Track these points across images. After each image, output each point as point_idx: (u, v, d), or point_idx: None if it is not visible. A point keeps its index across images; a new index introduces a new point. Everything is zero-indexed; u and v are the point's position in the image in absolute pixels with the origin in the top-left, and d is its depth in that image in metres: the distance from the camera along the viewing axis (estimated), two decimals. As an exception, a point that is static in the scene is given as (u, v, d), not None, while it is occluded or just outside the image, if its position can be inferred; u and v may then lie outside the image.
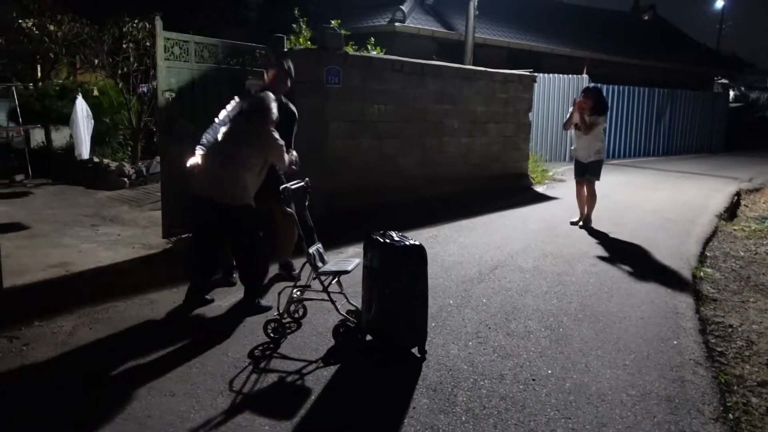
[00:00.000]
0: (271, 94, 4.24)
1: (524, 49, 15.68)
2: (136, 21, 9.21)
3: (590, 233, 6.93)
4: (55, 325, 3.89)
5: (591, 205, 7.21)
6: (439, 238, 6.42)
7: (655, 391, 3.27)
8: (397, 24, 13.21)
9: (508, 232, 6.88)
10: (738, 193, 10.50)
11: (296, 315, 4.01)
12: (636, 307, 4.57)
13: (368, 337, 3.68)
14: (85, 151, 9.11)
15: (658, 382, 3.38)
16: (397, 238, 3.54)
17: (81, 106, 9.08)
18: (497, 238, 6.51)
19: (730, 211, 9.00)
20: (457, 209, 7.77)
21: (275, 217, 4.68)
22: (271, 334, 3.73)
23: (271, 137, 4.08)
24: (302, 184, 3.98)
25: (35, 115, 10.18)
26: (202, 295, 4.31)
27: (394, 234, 3.58)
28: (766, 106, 29.05)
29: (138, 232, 6.37)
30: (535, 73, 10.72)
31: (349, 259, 3.97)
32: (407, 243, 3.53)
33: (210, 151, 4.26)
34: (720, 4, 34.82)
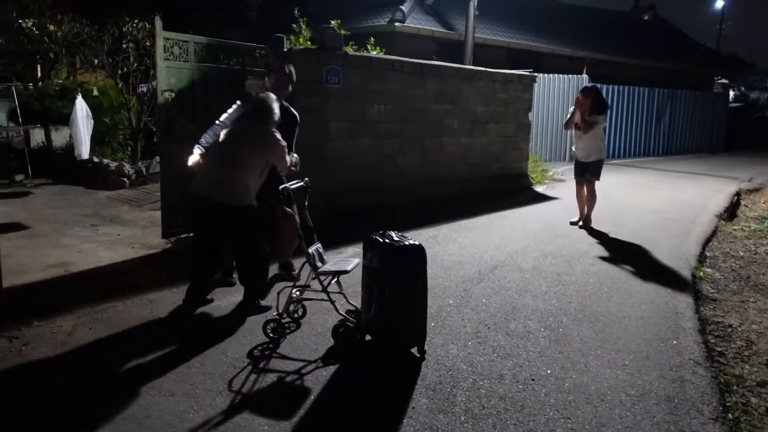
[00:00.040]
0: (273, 95, 4.25)
1: (524, 49, 15.68)
2: (135, 21, 9.22)
3: (590, 233, 6.93)
4: (55, 325, 3.89)
5: (591, 204, 7.22)
6: (438, 238, 6.42)
7: (655, 391, 3.27)
8: (396, 24, 13.22)
9: (508, 232, 6.88)
10: (738, 193, 10.50)
11: (295, 315, 4.01)
12: (636, 307, 4.57)
13: (368, 337, 3.68)
14: (84, 151, 9.11)
15: (658, 382, 3.38)
16: (396, 238, 3.54)
17: (81, 106, 9.08)
18: (497, 238, 6.51)
19: (730, 211, 9.00)
20: (457, 209, 7.78)
21: (277, 217, 4.68)
22: (271, 334, 3.74)
23: (273, 138, 4.08)
24: (301, 184, 3.98)
25: (35, 115, 10.17)
26: (202, 295, 4.31)
27: (393, 234, 3.58)
28: (766, 106, 29.05)
29: (138, 232, 6.37)
30: (535, 73, 10.72)
31: (349, 259, 3.98)
32: (407, 243, 3.53)
33: (211, 152, 4.26)
34: (720, 4, 34.83)
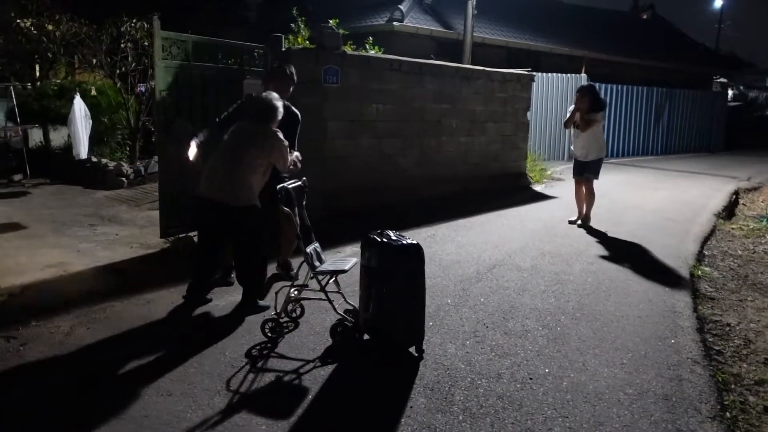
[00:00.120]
0: (275, 94, 4.23)
1: (523, 49, 15.68)
2: (134, 21, 9.22)
3: (588, 232, 6.93)
4: (53, 325, 3.89)
5: (590, 203, 7.22)
6: (437, 238, 6.42)
7: (653, 390, 3.28)
8: (395, 23, 13.21)
9: (506, 231, 6.88)
10: (736, 192, 10.51)
11: (294, 314, 4.01)
12: (634, 305, 4.58)
13: (366, 337, 3.68)
14: (83, 150, 9.10)
15: (656, 380, 3.39)
16: (394, 238, 3.54)
17: (79, 105, 9.07)
18: (495, 238, 6.52)
19: (729, 210, 9.01)
20: (456, 208, 7.78)
21: (278, 217, 4.67)
22: (269, 334, 3.73)
23: (276, 137, 4.07)
24: (299, 183, 3.98)
25: (33, 115, 10.17)
26: (203, 295, 4.31)
27: (391, 233, 3.58)
28: (765, 106, 29.12)
29: (136, 231, 6.36)
30: (534, 73, 10.73)
31: (347, 259, 3.98)
32: (405, 242, 3.53)
33: (214, 152, 4.24)
34: (719, 3, 34.86)
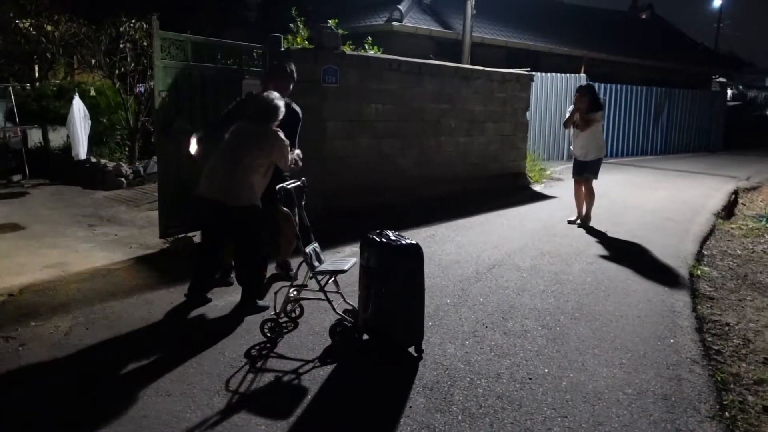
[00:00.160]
0: (276, 93, 4.23)
1: (522, 49, 15.69)
2: (133, 21, 9.21)
3: (588, 232, 6.93)
4: (52, 326, 3.88)
5: (590, 203, 7.22)
6: (436, 238, 6.42)
7: (652, 390, 3.28)
8: (394, 23, 13.22)
9: (506, 231, 6.89)
10: (736, 192, 10.52)
11: (293, 314, 4.01)
12: (633, 305, 4.58)
13: (365, 337, 3.68)
14: (82, 151, 9.10)
15: (655, 380, 3.39)
16: (393, 238, 3.54)
17: (78, 106, 9.07)
18: (494, 238, 6.52)
19: (728, 210, 9.01)
20: (455, 208, 7.78)
21: (277, 217, 4.67)
22: (268, 334, 3.73)
23: (277, 136, 4.07)
24: (298, 183, 3.97)
25: (32, 116, 10.17)
26: (203, 294, 4.32)
27: (390, 233, 3.58)
28: (764, 105, 29.15)
29: (135, 232, 6.36)
30: (533, 73, 10.73)
31: (346, 259, 3.98)
32: (404, 242, 3.52)
33: (214, 152, 4.24)
34: (718, 3, 34.88)
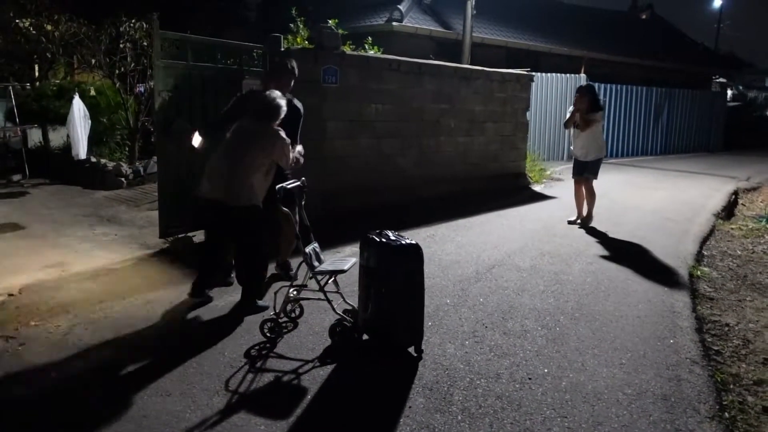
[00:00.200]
0: (278, 92, 4.22)
1: (522, 49, 15.69)
2: (133, 21, 9.21)
3: (588, 232, 6.93)
4: (51, 325, 3.88)
5: (591, 203, 7.22)
6: (436, 238, 6.42)
7: (651, 390, 3.28)
8: (394, 23, 13.22)
9: (506, 231, 6.89)
10: (736, 192, 10.52)
11: (293, 314, 4.01)
12: (633, 306, 4.58)
13: (365, 337, 3.68)
14: (82, 151, 9.09)
15: (655, 380, 3.39)
16: (393, 238, 3.54)
17: (78, 106, 9.06)
18: (494, 238, 6.52)
19: (728, 210, 9.01)
20: (455, 208, 7.78)
21: (278, 217, 4.66)
22: (268, 334, 3.73)
23: (277, 135, 4.06)
24: (298, 183, 3.97)
25: (32, 115, 10.16)
26: (204, 293, 4.33)
27: (390, 233, 3.58)
28: (764, 105, 29.16)
29: (135, 232, 6.36)
30: (533, 73, 10.72)
31: (346, 259, 3.98)
32: (404, 242, 3.52)
33: (216, 151, 4.24)
34: (718, 3, 34.88)
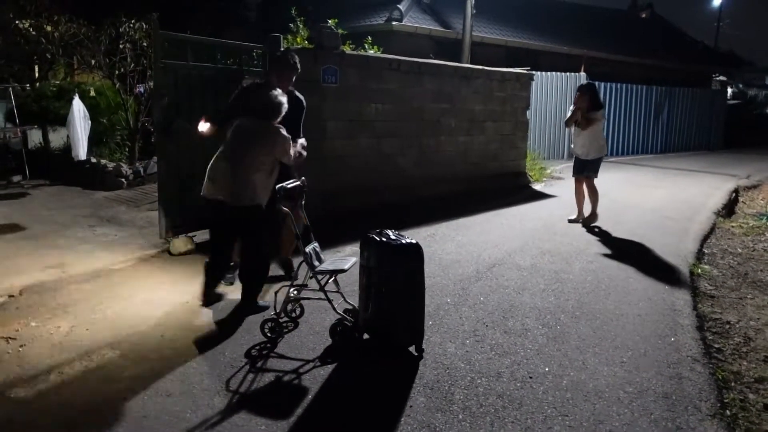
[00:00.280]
0: (279, 90, 4.20)
1: (522, 48, 15.69)
2: (132, 21, 9.20)
3: (588, 231, 6.93)
4: (52, 326, 3.88)
5: (594, 201, 7.18)
6: (436, 237, 6.42)
7: (653, 388, 3.27)
8: (394, 23, 13.22)
9: (506, 230, 6.88)
10: (736, 190, 10.51)
11: (293, 314, 4.01)
12: (633, 304, 4.57)
13: (365, 336, 3.68)
14: (82, 151, 9.08)
15: (656, 379, 3.39)
16: (393, 237, 3.54)
17: (78, 106, 9.06)
18: (495, 237, 6.51)
19: (728, 208, 9.00)
20: (455, 208, 7.77)
21: (279, 217, 4.66)
22: (268, 334, 3.73)
23: (278, 133, 4.05)
24: (298, 183, 3.97)
25: (32, 116, 10.15)
26: (213, 291, 4.34)
27: (390, 233, 3.58)
28: (764, 104, 29.16)
29: (135, 232, 6.35)
30: (533, 72, 10.72)
31: (346, 258, 3.97)
32: (404, 242, 3.52)
33: (218, 152, 4.23)
34: (717, 1, 34.82)
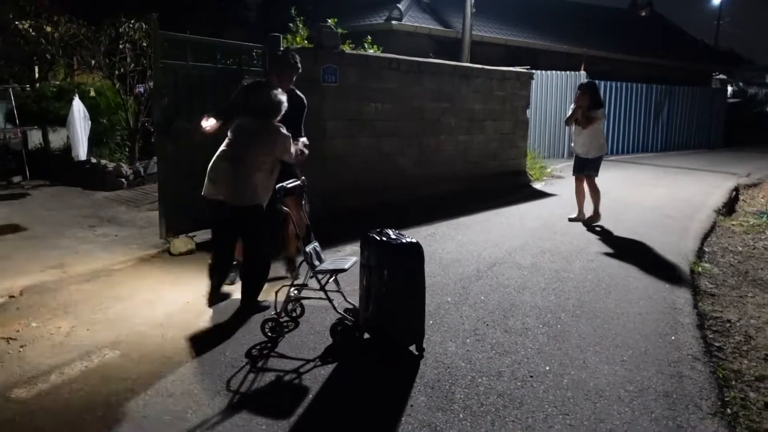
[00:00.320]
0: (279, 89, 4.20)
1: (522, 46, 15.69)
2: (132, 21, 9.20)
3: (588, 229, 6.93)
4: (53, 326, 3.88)
5: (596, 200, 7.16)
6: (437, 236, 6.42)
7: (653, 387, 3.27)
8: (393, 22, 13.22)
9: (506, 229, 6.88)
10: (736, 189, 10.50)
11: (294, 314, 4.01)
12: (634, 303, 4.57)
13: (366, 336, 3.68)
14: (82, 152, 9.09)
15: (656, 377, 3.38)
16: (394, 236, 3.54)
17: (78, 107, 9.07)
18: (495, 236, 6.51)
19: (729, 207, 9.00)
20: (455, 207, 7.77)
21: (279, 217, 4.65)
22: (269, 334, 3.73)
23: (278, 132, 4.05)
24: (298, 183, 3.97)
25: (32, 117, 10.16)
26: (219, 290, 4.35)
27: (391, 232, 3.58)
28: (764, 102, 29.15)
29: (135, 232, 6.36)
30: (533, 70, 10.71)
31: (346, 258, 3.98)
32: (404, 241, 3.52)
33: (218, 152, 4.23)
34: (717, 0, 34.78)
